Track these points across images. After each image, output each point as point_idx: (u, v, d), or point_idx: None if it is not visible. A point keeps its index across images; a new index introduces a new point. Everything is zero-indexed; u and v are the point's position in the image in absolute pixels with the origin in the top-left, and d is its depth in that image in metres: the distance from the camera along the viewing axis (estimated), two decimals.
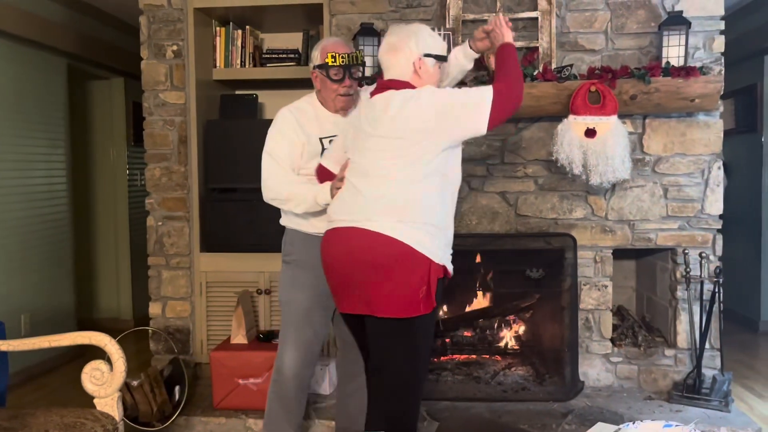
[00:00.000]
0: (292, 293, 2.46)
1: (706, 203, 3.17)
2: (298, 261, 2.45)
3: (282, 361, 2.50)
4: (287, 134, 2.40)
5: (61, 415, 1.95)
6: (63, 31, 4.23)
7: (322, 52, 2.38)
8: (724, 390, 3.03)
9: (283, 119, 2.44)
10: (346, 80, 2.38)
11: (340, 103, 2.42)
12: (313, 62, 2.43)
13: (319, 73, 2.40)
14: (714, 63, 3.10)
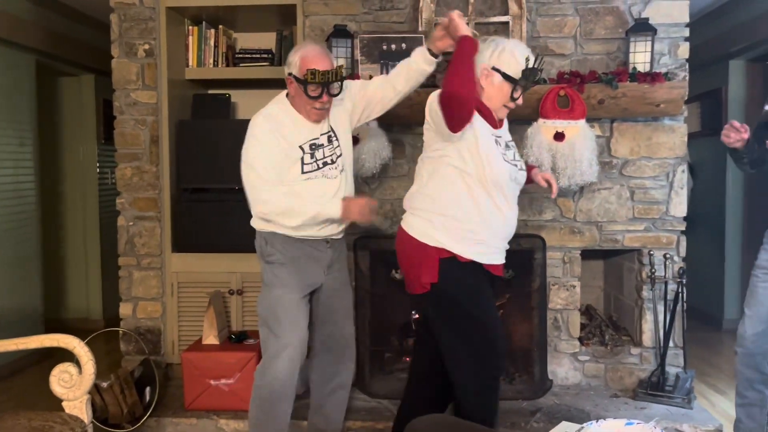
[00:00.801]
0: (282, 290, 2.42)
1: (671, 205, 3.25)
2: (281, 259, 2.42)
3: (275, 363, 2.37)
4: (267, 143, 2.32)
5: (29, 418, 1.93)
6: (31, 27, 4.17)
7: (302, 63, 2.29)
8: (687, 387, 3.11)
9: (260, 128, 2.35)
10: (324, 97, 2.32)
11: (314, 115, 2.38)
12: (290, 68, 2.34)
13: (296, 84, 2.33)
14: (679, 69, 3.18)
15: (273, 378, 2.38)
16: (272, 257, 2.44)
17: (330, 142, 2.45)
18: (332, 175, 2.43)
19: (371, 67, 3.18)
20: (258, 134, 2.34)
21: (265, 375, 2.40)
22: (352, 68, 3.18)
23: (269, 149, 2.32)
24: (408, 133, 3.28)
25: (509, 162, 2.24)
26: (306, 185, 2.37)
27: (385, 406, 3.14)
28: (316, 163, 2.40)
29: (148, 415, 2.99)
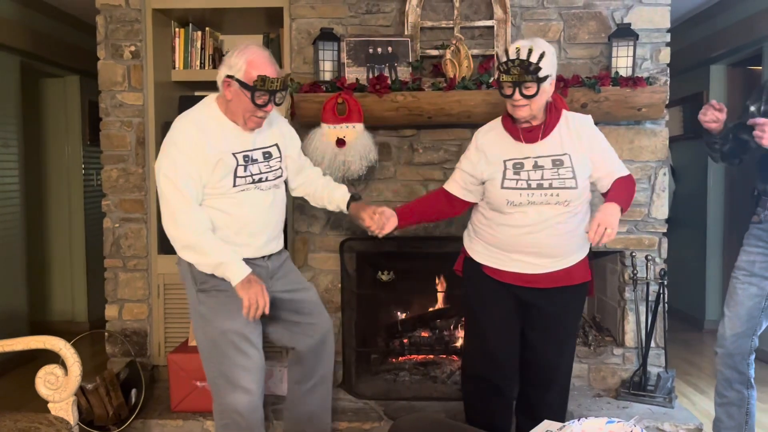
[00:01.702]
0: (227, 321, 2.18)
1: (653, 208, 3.31)
2: (220, 285, 2.17)
3: (233, 400, 2.18)
4: (190, 152, 2.09)
5: (15, 419, 1.93)
6: (16, 28, 4.14)
7: (249, 68, 2.11)
8: (668, 387, 3.16)
9: (184, 134, 2.13)
10: (269, 106, 2.17)
11: (252, 123, 2.20)
12: (231, 71, 2.13)
13: (239, 89, 2.13)
14: (660, 73, 3.23)
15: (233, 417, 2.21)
16: (208, 284, 2.18)
17: (267, 158, 2.28)
18: (266, 187, 2.28)
19: (358, 70, 3.20)
20: (180, 141, 2.11)
21: (224, 417, 2.23)
22: (339, 71, 3.21)
23: (192, 160, 2.09)
24: (394, 136, 3.30)
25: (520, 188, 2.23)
26: (237, 197, 2.20)
27: (371, 407, 3.16)
28: (251, 177, 2.21)
29: (134, 417, 2.99)
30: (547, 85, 2.20)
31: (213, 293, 2.18)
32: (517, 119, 2.26)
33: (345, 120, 3.06)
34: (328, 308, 3.38)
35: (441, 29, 3.27)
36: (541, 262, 2.28)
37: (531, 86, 2.15)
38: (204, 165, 2.11)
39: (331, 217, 3.34)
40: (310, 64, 3.30)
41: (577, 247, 2.30)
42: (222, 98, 2.21)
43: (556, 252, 2.27)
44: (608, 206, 2.12)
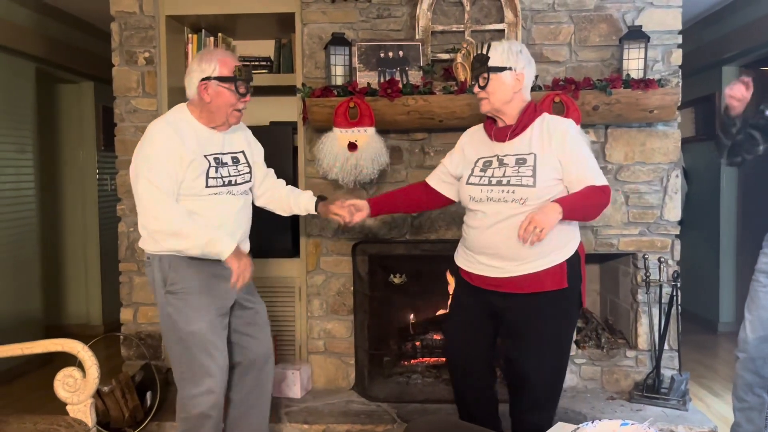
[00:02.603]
0: (194, 323, 2.21)
1: (665, 210, 3.30)
2: (189, 288, 2.23)
3: (197, 400, 2.23)
4: (166, 150, 2.16)
5: (34, 422, 1.96)
6: (32, 35, 4.20)
7: (222, 65, 2.21)
8: (682, 389, 3.15)
9: (161, 133, 2.19)
10: (248, 96, 2.29)
11: (234, 118, 2.30)
12: (205, 73, 2.22)
13: (219, 86, 2.21)
14: (672, 75, 3.23)
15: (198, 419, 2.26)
16: (177, 285, 2.22)
17: (235, 163, 2.36)
18: (237, 192, 2.35)
19: (369, 74, 3.22)
20: (157, 139, 2.18)
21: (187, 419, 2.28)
22: (351, 75, 3.23)
23: (168, 156, 2.15)
24: (405, 140, 3.32)
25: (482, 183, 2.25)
26: (210, 200, 2.25)
27: (384, 410, 3.17)
28: (222, 179, 2.28)
29: (149, 420, 3.02)
30: (506, 78, 2.21)
31: (181, 295, 2.22)
32: (487, 115, 2.32)
33: (357, 124, 3.09)
34: (341, 311, 3.43)
35: (452, 33, 3.28)
36: (503, 264, 2.22)
37: (484, 76, 2.22)
38: (179, 162, 2.17)
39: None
40: (322, 69, 3.32)
41: (544, 251, 2.18)
42: (194, 104, 2.29)
43: (515, 254, 2.18)
44: (548, 205, 2.06)
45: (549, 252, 2.19)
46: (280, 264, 3.45)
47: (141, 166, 2.16)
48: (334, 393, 3.38)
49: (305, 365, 3.41)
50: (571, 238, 2.25)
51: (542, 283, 2.20)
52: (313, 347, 3.46)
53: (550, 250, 2.19)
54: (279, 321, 3.47)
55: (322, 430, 3.00)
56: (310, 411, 3.15)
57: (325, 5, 3.32)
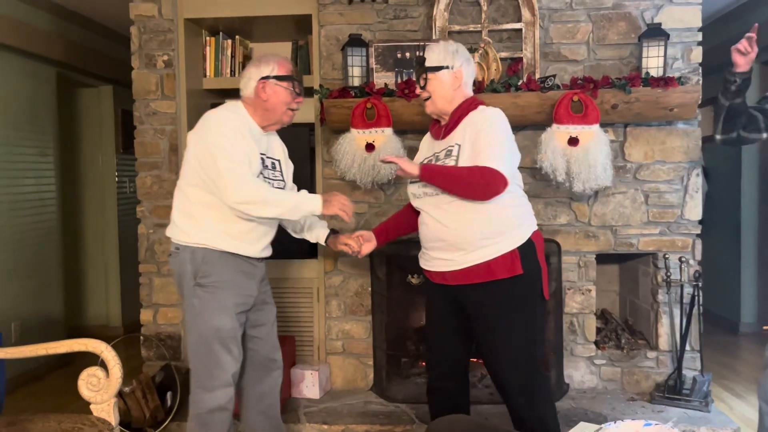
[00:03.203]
0: (217, 318, 2.24)
1: (686, 209, 3.27)
2: (219, 282, 2.25)
3: (209, 396, 2.26)
4: (241, 137, 2.21)
5: (59, 420, 1.98)
6: (52, 39, 4.26)
7: (281, 66, 2.31)
8: (704, 390, 3.11)
9: (232, 122, 2.23)
10: (301, 97, 2.38)
11: (288, 117, 2.37)
12: (263, 73, 2.30)
13: (277, 84, 2.29)
14: (692, 73, 3.20)
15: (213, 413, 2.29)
16: (207, 279, 2.24)
17: (272, 168, 2.40)
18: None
19: (386, 75, 3.23)
20: (231, 127, 2.21)
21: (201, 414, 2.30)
22: (368, 76, 3.23)
23: (242, 143, 2.21)
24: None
25: (417, 180, 2.27)
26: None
27: (402, 410, 3.17)
28: (266, 180, 2.33)
29: (170, 419, 3.04)
30: (444, 76, 2.24)
31: (210, 288, 2.24)
32: (431, 115, 2.35)
33: (374, 125, 3.10)
34: (359, 312, 3.43)
35: (469, 33, 3.28)
36: (452, 256, 2.21)
37: (422, 78, 2.27)
38: (249, 150, 2.23)
39: (360, 221, 3.37)
40: (339, 70, 3.33)
41: (486, 239, 2.17)
42: (249, 103, 2.34)
43: (455, 244, 2.19)
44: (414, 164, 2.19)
45: (494, 238, 2.17)
46: (299, 265, 3.46)
47: (224, 147, 2.16)
48: (352, 393, 3.39)
49: (324, 366, 3.42)
50: (515, 225, 2.21)
51: (493, 272, 2.18)
52: (331, 348, 3.47)
53: (495, 236, 2.17)
54: (297, 322, 3.49)
55: (341, 430, 3.00)
56: (329, 411, 3.16)
57: (342, 7, 3.33)
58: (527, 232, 2.24)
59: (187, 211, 2.27)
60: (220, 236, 2.24)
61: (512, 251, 2.18)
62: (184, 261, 2.26)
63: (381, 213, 3.36)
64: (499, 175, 2.09)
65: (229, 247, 2.25)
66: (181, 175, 2.31)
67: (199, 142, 2.21)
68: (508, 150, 2.19)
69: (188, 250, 2.25)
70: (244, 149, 2.20)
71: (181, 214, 2.29)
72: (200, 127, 2.25)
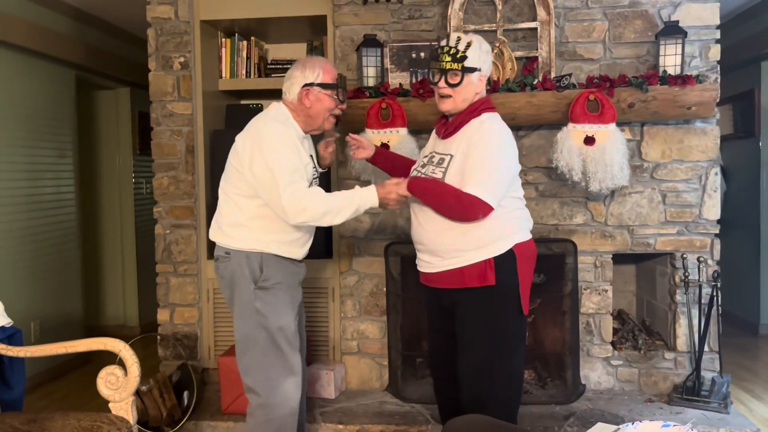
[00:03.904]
0: (283, 318, 2.29)
1: (704, 208, 3.23)
2: (279, 284, 2.30)
3: (285, 393, 2.27)
4: (293, 150, 2.23)
5: (78, 418, 2.01)
6: (71, 42, 4.31)
7: (326, 72, 2.31)
8: (723, 392, 3.08)
9: (283, 135, 2.24)
10: (344, 103, 2.41)
11: (329, 124, 2.39)
12: (308, 79, 2.30)
13: (321, 92, 2.30)
14: (710, 71, 3.16)
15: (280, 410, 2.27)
16: (269, 281, 2.28)
17: (314, 168, 2.42)
18: None
19: (401, 75, 3.23)
20: (288, 144, 2.23)
21: (270, 410, 2.27)
22: (382, 77, 3.24)
23: (298, 157, 2.24)
24: None
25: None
26: None
27: (418, 411, 3.16)
28: (312, 180, 2.36)
29: (186, 419, 3.06)
30: (474, 78, 2.19)
31: (272, 291, 2.28)
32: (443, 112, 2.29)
33: (389, 125, 3.10)
34: (374, 312, 3.44)
35: (484, 32, 3.25)
36: (430, 259, 2.24)
37: (457, 75, 2.17)
38: (304, 161, 2.28)
39: (375, 221, 3.37)
40: (354, 71, 3.34)
41: (466, 247, 2.15)
42: (292, 108, 2.35)
43: (434, 247, 2.20)
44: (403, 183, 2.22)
45: (471, 248, 2.15)
46: (314, 265, 3.47)
47: (277, 167, 2.16)
48: (367, 393, 3.39)
49: (339, 366, 3.42)
50: (499, 237, 2.16)
51: (464, 279, 2.16)
52: (346, 348, 3.47)
53: (472, 246, 2.15)
54: (313, 322, 3.50)
55: (357, 430, 3.00)
56: (345, 411, 3.16)
57: (357, 7, 3.34)
58: (509, 244, 2.17)
59: (239, 221, 2.27)
60: (276, 244, 2.28)
61: (486, 260, 2.14)
62: (238, 266, 2.27)
63: (396, 213, 3.36)
64: (480, 204, 2.08)
65: (280, 251, 2.30)
66: (230, 183, 2.29)
67: (256, 158, 2.19)
68: (497, 174, 2.12)
69: (241, 255, 2.27)
70: (301, 164, 2.24)
71: (231, 224, 2.29)
72: (255, 139, 2.22)
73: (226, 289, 2.35)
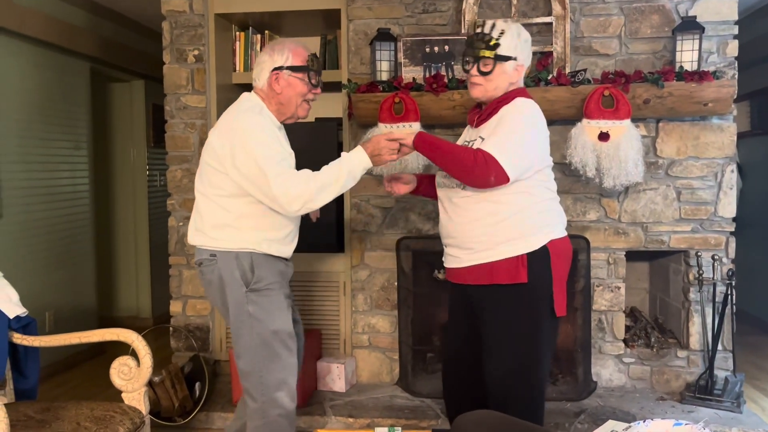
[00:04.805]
0: (278, 321, 2.17)
1: (719, 206, 3.20)
2: (273, 285, 2.18)
3: (281, 397, 2.17)
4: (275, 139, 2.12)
5: (91, 408, 2.03)
6: (86, 35, 4.33)
7: (295, 54, 2.17)
8: (737, 391, 3.05)
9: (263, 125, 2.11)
10: (318, 88, 2.24)
11: (303, 110, 2.23)
12: (277, 63, 2.16)
13: (291, 75, 2.16)
14: (727, 67, 3.12)
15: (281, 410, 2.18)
16: (261, 282, 2.15)
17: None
18: None
19: (414, 69, 3.22)
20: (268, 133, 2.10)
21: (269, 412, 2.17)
22: (396, 71, 3.23)
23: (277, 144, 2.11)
24: (451, 134, 3.30)
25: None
26: None
27: (428, 405, 3.17)
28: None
29: (198, 410, 3.09)
30: (509, 67, 2.09)
31: (265, 292, 2.15)
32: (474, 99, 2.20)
33: (402, 119, 3.09)
34: (385, 306, 3.44)
35: None
36: (459, 254, 2.13)
37: (489, 63, 2.08)
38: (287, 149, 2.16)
39: (387, 215, 3.37)
40: (367, 65, 3.34)
41: (497, 239, 2.06)
42: (263, 96, 2.21)
43: (464, 240, 2.10)
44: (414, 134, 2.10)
45: (502, 240, 2.05)
46: (325, 259, 3.48)
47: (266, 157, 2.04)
48: (378, 387, 3.40)
49: (350, 359, 3.43)
50: (532, 232, 2.06)
51: (495, 275, 2.06)
52: (357, 342, 3.48)
53: (503, 239, 2.05)
54: (324, 315, 3.51)
55: (367, 424, 3.01)
56: (355, 405, 3.17)
57: (371, 1, 3.33)
58: (544, 240, 2.06)
59: (226, 222, 2.13)
60: (266, 242, 2.16)
61: (519, 257, 2.04)
62: (227, 268, 2.13)
63: (408, 207, 3.36)
64: (494, 164, 1.95)
65: (271, 250, 2.17)
66: (210, 183, 2.14)
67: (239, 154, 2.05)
68: (519, 143, 2.01)
69: (230, 256, 2.13)
70: (284, 152, 2.12)
71: (216, 226, 2.14)
72: (233, 135, 2.08)
73: (216, 294, 2.20)
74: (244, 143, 2.05)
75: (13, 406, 2.05)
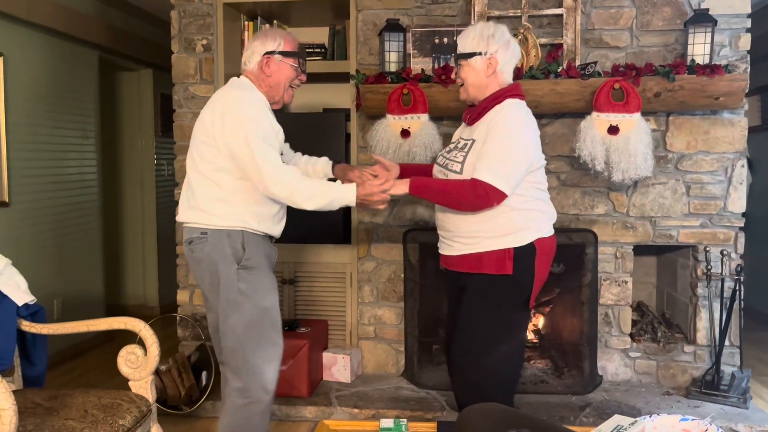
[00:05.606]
0: (267, 299, 2.19)
1: (729, 201, 3.18)
2: (261, 263, 2.20)
3: (265, 378, 2.18)
4: (267, 121, 2.15)
5: (99, 396, 2.04)
6: (95, 23, 4.33)
7: (286, 42, 2.24)
8: (743, 387, 3.04)
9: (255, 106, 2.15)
10: (304, 75, 2.31)
11: (288, 96, 2.30)
12: (268, 47, 2.22)
13: (282, 60, 2.22)
14: (740, 61, 3.09)
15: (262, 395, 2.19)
16: (252, 260, 2.16)
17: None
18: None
19: (423, 61, 3.20)
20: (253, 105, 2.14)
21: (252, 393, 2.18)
22: (405, 62, 3.21)
23: (266, 120, 2.15)
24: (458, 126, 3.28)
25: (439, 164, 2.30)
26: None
27: (433, 397, 3.17)
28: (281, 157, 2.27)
29: (204, 399, 3.10)
30: (476, 63, 2.16)
31: (255, 270, 2.17)
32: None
33: (410, 111, 3.08)
34: (391, 298, 3.44)
35: (508, 18, 3.22)
36: (451, 243, 2.22)
37: (457, 66, 2.23)
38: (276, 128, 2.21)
39: (394, 207, 3.37)
40: (376, 56, 3.32)
41: (488, 233, 2.12)
42: (252, 80, 2.25)
43: (456, 233, 2.18)
44: (403, 181, 2.16)
45: (492, 235, 2.12)
46: (332, 250, 3.48)
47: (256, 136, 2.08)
48: (383, 379, 3.41)
49: (355, 350, 3.44)
50: (521, 227, 2.12)
51: (482, 265, 2.13)
52: (363, 333, 3.49)
53: (493, 233, 2.12)
54: (330, 306, 3.52)
55: (372, 414, 3.02)
56: (360, 396, 3.18)
57: None
58: (532, 237, 2.13)
59: (220, 197, 2.14)
60: (256, 219, 2.17)
61: (506, 250, 2.11)
62: (218, 246, 2.14)
63: (415, 200, 3.35)
64: (492, 191, 2.04)
65: (261, 228, 2.19)
66: (202, 159, 2.17)
67: (228, 125, 2.09)
68: (510, 160, 2.07)
69: (222, 234, 2.14)
70: (274, 130, 2.17)
71: (210, 201, 2.15)
72: (223, 108, 2.12)
73: (205, 273, 2.19)
74: (234, 115, 2.10)
75: (21, 393, 2.06)
